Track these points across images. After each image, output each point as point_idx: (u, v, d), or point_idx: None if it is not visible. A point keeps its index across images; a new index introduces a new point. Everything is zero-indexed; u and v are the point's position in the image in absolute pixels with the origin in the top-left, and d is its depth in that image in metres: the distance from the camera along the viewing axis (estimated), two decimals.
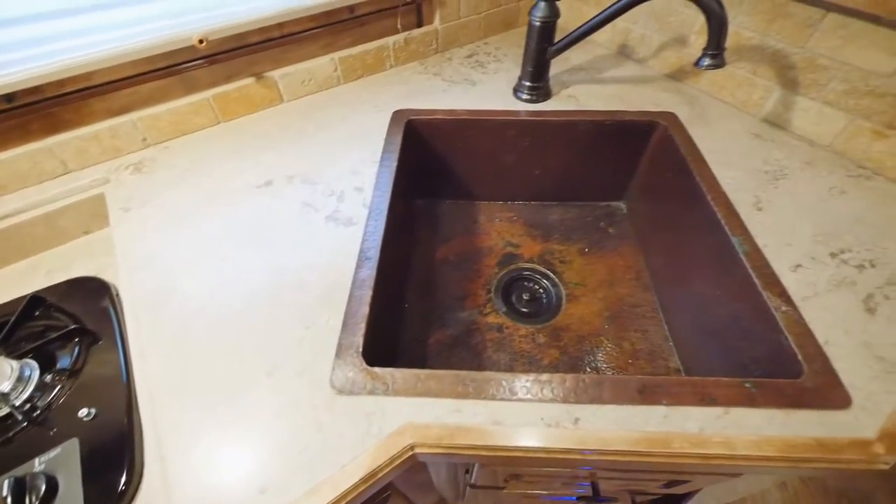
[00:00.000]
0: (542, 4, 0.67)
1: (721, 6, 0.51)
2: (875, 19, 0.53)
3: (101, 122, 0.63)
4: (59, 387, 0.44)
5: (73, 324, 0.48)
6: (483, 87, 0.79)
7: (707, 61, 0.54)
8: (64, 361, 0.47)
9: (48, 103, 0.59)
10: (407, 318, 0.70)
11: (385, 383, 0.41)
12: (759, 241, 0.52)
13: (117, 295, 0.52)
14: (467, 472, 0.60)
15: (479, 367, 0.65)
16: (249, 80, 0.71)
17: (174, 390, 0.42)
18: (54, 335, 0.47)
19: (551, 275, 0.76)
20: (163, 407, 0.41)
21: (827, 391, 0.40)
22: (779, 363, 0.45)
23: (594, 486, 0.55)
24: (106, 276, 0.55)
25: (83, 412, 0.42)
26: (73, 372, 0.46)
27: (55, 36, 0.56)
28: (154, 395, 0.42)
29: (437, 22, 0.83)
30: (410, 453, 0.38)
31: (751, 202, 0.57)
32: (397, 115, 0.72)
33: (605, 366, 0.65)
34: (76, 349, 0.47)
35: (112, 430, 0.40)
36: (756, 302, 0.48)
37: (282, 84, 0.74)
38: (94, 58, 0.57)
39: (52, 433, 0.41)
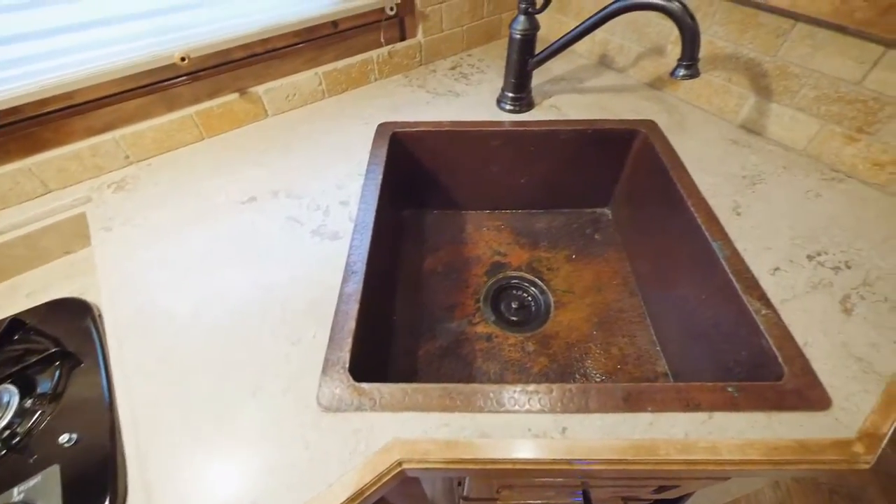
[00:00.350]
0: (522, 18, 0.68)
1: (693, 19, 0.52)
2: (841, 29, 0.55)
3: (82, 141, 0.63)
4: (39, 412, 0.43)
5: (54, 346, 0.48)
6: (467, 98, 0.80)
7: (682, 72, 0.55)
8: (44, 386, 0.46)
9: (27, 123, 0.58)
10: (396, 331, 0.70)
11: (372, 399, 0.41)
12: (739, 246, 0.54)
13: (100, 316, 0.52)
14: (459, 484, 0.60)
15: (470, 377, 0.65)
16: (233, 96, 0.71)
17: (158, 412, 0.42)
18: (34, 359, 0.46)
19: (539, 282, 0.77)
20: (147, 429, 0.41)
21: (807, 392, 0.41)
22: (761, 365, 0.46)
23: (586, 494, 0.55)
24: (88, 297, 0.54)
25: (64, 438, 0.41)
26: (54, 396, 0.45)
27: (35, 56, 0.56)
28: (138, 417, 0.41)
29: (420, 35, 0.84)
30: (398, 469, 0.38)
31: (730, 207, 0.59)
32: (382, 127, 0.73)
33: (593, 372, 0.65)
34: (57, 373, 0.46)
35: (94, 456, 0.40)
36: (737, 305, 0.49)
37: (266, 99, 0.74)
38: (75, 77, 0.57)
39: (31, 461, 0.40)
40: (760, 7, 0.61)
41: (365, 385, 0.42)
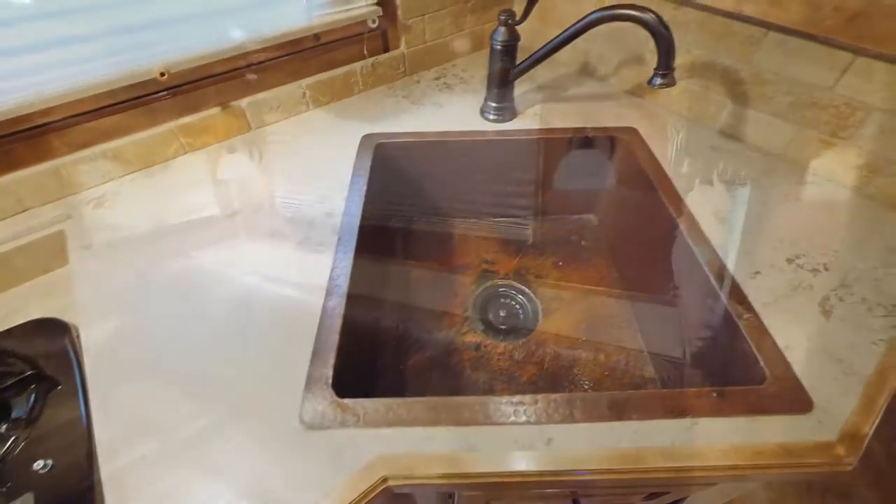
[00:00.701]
0: (503, 29, 0.69)
1: (667, 29, 0.53)
2: (811, 37, 0.56)
3: (60, 158, 0.62)
4: (13, 438, 0.42)
5: (30, 369, 0.46)
6: (451, 108, 0.81)
7: (658, 80, 0.56)
8: (19, 410, 0.44)
9: (4, 140, 0.57)
10: (383, 343, 0.69)
11: (356, 415, 0.40)
12: (720, 251, 0.54)
13: (78, 336, 0.50)
14: (451, 497, 0.59)
15: (458, 388, 0.64)
16: (215, 110, 0.70)
17: (137, 435, 0.41)
18: (9, 382, 0.45)
19: (527, 290, 0.77)
20: (125, 454, 0.40)
21: (789, 395, 0.41)
22: (744, 369, 0.46)
23: None
24: (66, 317, 0.53)
25: (39, 464, 0.40)
26: (29, 421, 0.43)
27: (11, 72, 0.55)
28: (116, 441, 0.40)
29: (403, 46, 0.85)
30: (384, 486, 0.37)
31: (711, 212, 0.59)
32: (366, 139, 0.73)
33: (582, 379, 0.65)
34: (33, 396, 0.45)
35: (70, 483, 0.38)
36: (719, 310, 0.50)
37: (249, 112, 0.74)
38: (53, 93, 0.56)
39: (4, 489, 0.38)
40: (733, 16, 0.62)
41: (348, 401, 0.41)
